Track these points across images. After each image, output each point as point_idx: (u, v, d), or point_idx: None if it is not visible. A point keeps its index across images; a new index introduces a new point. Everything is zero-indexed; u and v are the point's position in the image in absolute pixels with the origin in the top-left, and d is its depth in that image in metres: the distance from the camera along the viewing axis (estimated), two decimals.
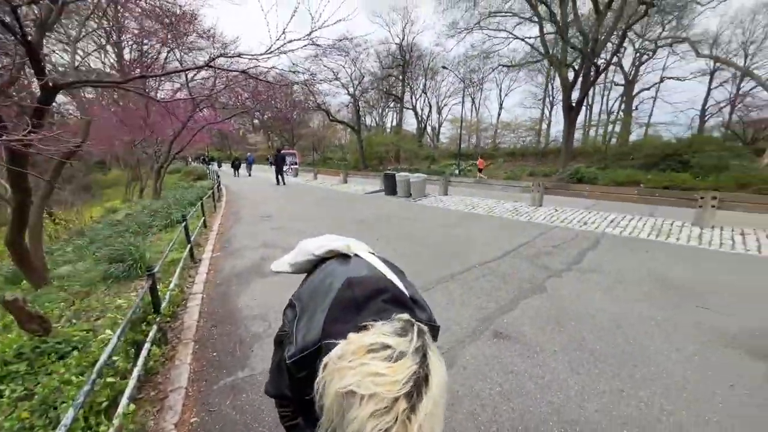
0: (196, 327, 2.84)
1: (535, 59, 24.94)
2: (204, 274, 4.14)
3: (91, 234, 7.57)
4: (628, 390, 2.01)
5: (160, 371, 2.27)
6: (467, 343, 2.52)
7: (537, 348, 2.44)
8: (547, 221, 6.65)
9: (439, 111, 42.46)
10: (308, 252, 0.98)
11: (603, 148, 24.33)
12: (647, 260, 4.31)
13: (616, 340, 2.52)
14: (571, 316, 2.89)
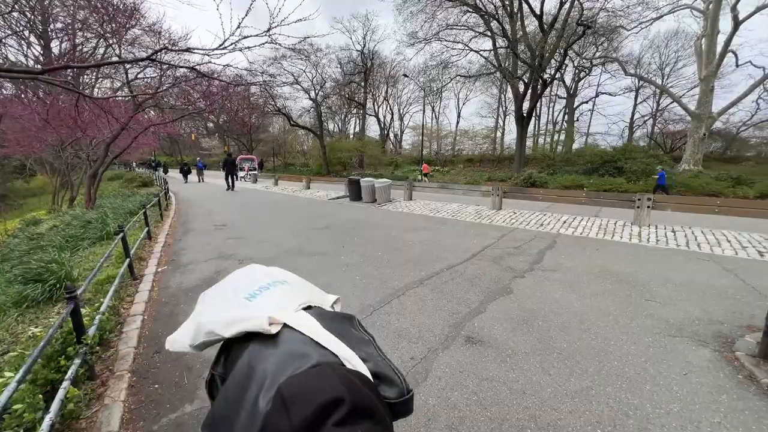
0: (133, 355, 2.44)
1: (489, 71, 26.45)
2: (146, 292, 3.65)
3: (3, 250, 6.44)
4: (596, 387, 2.04)
5: (85, 414, 1.88)
6: (440, 351, 2.44)
7: (509, 351, 2.43)
8: (507, 224, 6.92)
9: (401, 118, 43.41)
10: (211, 332, 0.66)
11: (551, 155, 26.40)
12: (598, 257, 4.60)
13: (581, 336, 2.59)
14: (538, 315, 2.94)
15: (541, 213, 7.83)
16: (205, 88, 11.16)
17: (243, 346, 0.61)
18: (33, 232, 7.99)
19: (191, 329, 0.71)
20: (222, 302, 0.73)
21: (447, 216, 7.96)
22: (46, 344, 1.59)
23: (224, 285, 0.80)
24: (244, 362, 0.57)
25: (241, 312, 0.66)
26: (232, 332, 0.62)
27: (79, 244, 6.04)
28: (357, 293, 3.48)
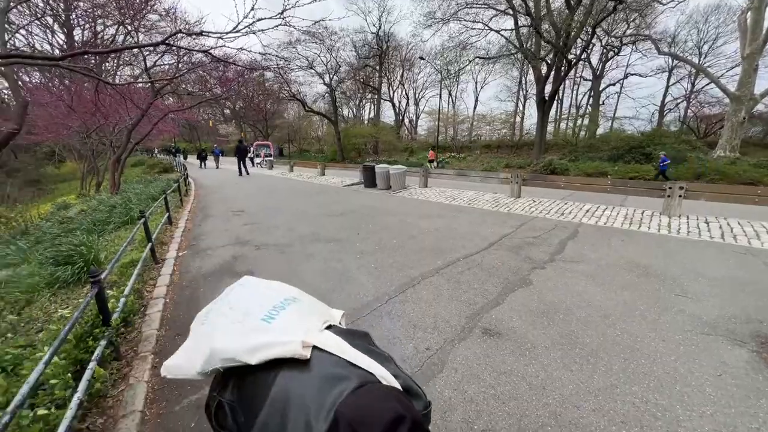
0: (156, 337, 2.52)
1: (509, 52, 25.28)
2: (167, 276, 3.76)
3: (37, 233, 6.80)
4: (622, 386, 1.96)
5: (111, 393, 1.96)
6: (457, 342, 2.39)
7: (528, 344, 2.36)
8: (526, 212, 6.70)
9: (416, 103, 42.44)
10: (231, 359, 0.62)
11: (573, 140, 25.28)
12: (624, 249, 4.39)
13: (606, 332, 2.48)
14: (559, 308, 2.84)
15: (562, 201, 7.55)
16: (221, 74, 11.18)
17: (269, 372, 0.58)
18: (63, 216, 8.38)
19: (201, 355, 0.66)
20: (233, 325, 0.69)
21: (463, 204, 7.80)
22: (71, 326, 1.64)
23: (226, 305, 0.76)
24: (280, 388, 0.55)
25: (265, 337, 0.63)
26: (259, 359, 0.59)
27: (105, 228, 6.29)
28: (372, 281, 3.46)
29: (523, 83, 35.51)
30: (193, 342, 0.73)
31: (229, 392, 0.65)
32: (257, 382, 0.59)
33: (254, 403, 0.57)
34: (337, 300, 3.09)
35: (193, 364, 0.67)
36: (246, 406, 0.60)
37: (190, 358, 0.69)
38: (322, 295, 3.16)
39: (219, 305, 0.78)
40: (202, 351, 0.67)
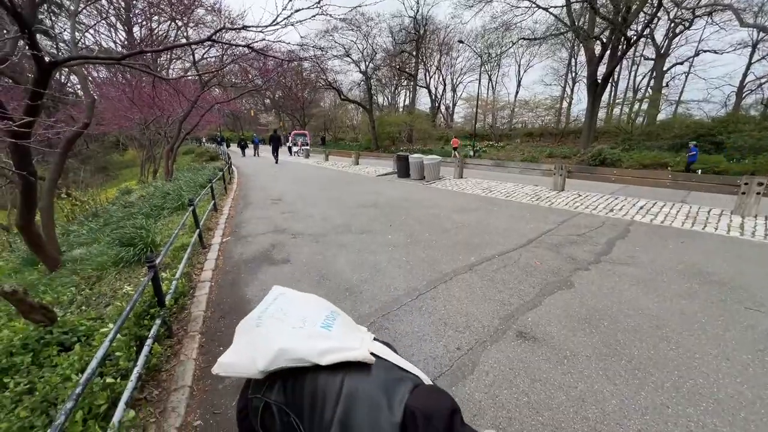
0: (203, 318, 2.74)
1: (558, 32, 23.30)
2: (213, 261, 4.05)
3: (105, 216, 7.63)
4: (674, 406, 1.79)
5: (165, 368, 2.17)
6: (489, 344, 2.33)
7: (567, 352, 2.23)
8: (570, 207, 6.27)
9: (453, 89, 40.93)
10: (301, 359, 0.68)
11: (628, 127, 22.96)
12: (684, 252, 3.96)
13: (657, 344, 2.27)
14: (604, 315, 2.64)
15: (612, 196, 6.95)
16: (261, 65, 11.54)
17: (336, 374, 0.67)
18: (126, 200, 9.30)
19: (263, 354, 0.71)
20: (294, 330, 0.76)
21: (500, 196, 7.48)
22: (132, 307, 1.82)
23: (279, 312, 0.82)
24: (350, 387, 0.64)
25: (331, 342, 0.71)
26: (329, 361, 0.68)
27: (160, 213, 6.89)
28: (403, 275, 3.46)
29: (572, 65, 32.72)
30: (247, 343, 0.78)
31: (276, 394, 0.70)
32: (319, 383, 0.66)
33: (316, 401, 0.64)
34: (368, 292, 3.13)
35: (254, 363, 0.72)
36: (302, 405, 0.66)
37: (249, 357, 0.74)
38: (354, 287, 3.23)
39: (270, 311, 0.84)
40: (264, 351, 0.72)
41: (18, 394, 1.91)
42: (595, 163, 15.68)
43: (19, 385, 1.95)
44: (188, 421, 1.79)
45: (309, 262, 3.92)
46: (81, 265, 4.26)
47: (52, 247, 4.41)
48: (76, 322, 2.52)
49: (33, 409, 1.76)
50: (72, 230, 6.96)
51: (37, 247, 4.12)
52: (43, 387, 1.87)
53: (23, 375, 2.05)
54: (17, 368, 2.11)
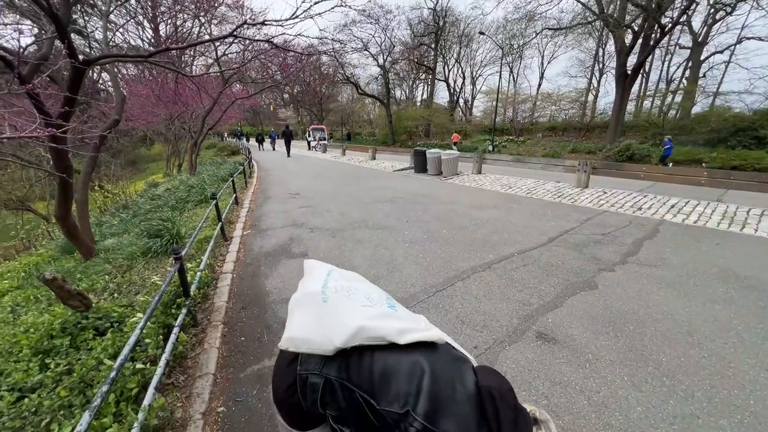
0: (225, 309, 2.84)
1: (586, 20, 22.24)
2: (234, 253, 4.17)
3: (134, 208, 8.00)
4: (705, 417, 1.70)
5: (190, 355, 2.27)
6: (507, 344, 2.29)
7: (589, 355, 2.16)
8: (594, 205, 6.04)
9: (473, 82, 40.01)
10: (381, 337, 0.71)
11: (659, 121, 21.74)
12: (719, 254, 3.74)
13: (688, 352, 2.17)
14: (629, 318, 2.54)
15: (641, 194, 6.63)
16: (281, 60, 11.66)
17: (410, 352, 0.70)
18: (153, 193, 9.70)
19: (340, 331, 0.72)
20: (365, 308, 0.78)
21: (520, 193, 7.29)
22: (160, 297, 1.90)
23: (343, 290, 0.84)
24: (430, 364, 0.68)
25: (405, 323, 0.75)
26: (407, 340, 0.71)
27: (185, 206, 7.16)
28: (420, 272, 3.44)
29: (599, 56, 31.23)
30: (317, 319, 0.78)
31: (336, 371, 0.71)
32: (390, 361, 0.69)
33: (390, 377, 0.67)
34: (384, 288, 3.13)
35: (330, 340, 0.72)
36: (372, 381, 0.68)
37: (322, 334, 0.74)
38: (371, 282, 3.24)
39: (331, 286, 0.85)
40: (340, 328, 0.73)
41: (58, 375, 2.05)
42: (623, 158, 15.00)
43: (59, 366, 2.10)
44: (212, 407, 1.86)
45: (326, 256, 3.97)
46: (113, 255, 4.50)
47: (86, 237, 4.67)
48: (109, 309, 2.66)
49: (71, 389, 1.88)
50: (104, 221, 7.35)
51: (74, 236, 4.38)
52: (81, 369, 2.00)
53: (62, 357, 2.19)
54: (57, 350, 2.27)
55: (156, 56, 3.45)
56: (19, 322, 2.81)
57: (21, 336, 2.39)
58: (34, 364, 2.12)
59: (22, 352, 2.24)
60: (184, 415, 1.78)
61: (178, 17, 15.14)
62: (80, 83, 3.24)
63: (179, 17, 15.33)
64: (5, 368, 2.10)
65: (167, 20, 16.67)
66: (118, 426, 1.56)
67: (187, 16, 15.04)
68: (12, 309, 3.46)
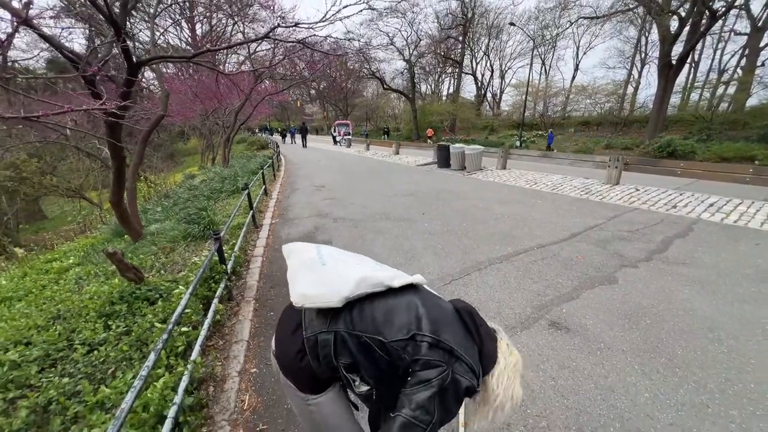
0: (256, 287, 3.11)
1: (626, 7, 20.90)
2: (264, 239, 4.48)
3: (174, 197, 8.65)
4: (715, 406, 1.72)
5: (227, 324, 2.54)
6: (519, 330, 2.37)
7: (600, 344, 2.20)
8: (624, 202, 5.82)
9: (501, 75, 38.82)
10: (379, 283, 0.87)
11: (708, 115, 20.11)
12: (757, 255, 3.55)
13: (707, 347, 2.15)
14: (647, 312, 2.53)
15: (677, 192, 6.29)
16: (309, 59, 12.00)
17: (404, 294, 0.89)
18: (190, 184, 10.39)
19: (344, 284, 0.85)
20: (358, 265, 0.96)
21: (545, 189, 7.14)
22: (203, 272, 2.17)
23: (335, 253, 1.03)
24: (421, 298, 0.89)
25: (393, 271, 0.94)
26: (398, 283, 0.89)
27: (219, 196, 7.66)
28: (437, 261, 3.56)
29: (641, 45, 29.21)
30: (320, 278, 0.90)
31: (343, 324, 0.84)
32: (389, 302, 0.86)
33: (392, 315, 0.83)
34: None
35: (338, 292, 0.84)
36: (376, 323, 0.83)
37: (329, 289, 0.85)
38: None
39: (324, 254, 1.01)
40: (344, 281, 0.86)
41: (119, 334, 2.39)
42: (662, 155, 14.09)
43: (119, 327, 2.44)
44: (246, 368, 2.11)
45: (348, 244, 4.18)
46: (158, 238, 4.96)
47: (135, 221, 5.17)
48: (157, 283, 3.01)
49: (131, 345, 2.20)
50: (148, 209, 8.01)
51: (125, 220, 4.87)
52: (137, 329, 2.32)
53: (122, 320, 2.54)
54: (117, 314, 2.62)
55: (199, 57, 3.77)
56: (84, 291, 3.24)
57: (88, 302, 2.78)
58: (99, 325, 2.48)
59: (89, 314, 2.61)
60: (223, 372, 2.04)
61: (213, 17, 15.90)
62: (134, 82, 3.62)
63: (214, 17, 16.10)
64: (77, 326, 2.47)
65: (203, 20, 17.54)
66: (170, 375, 1.84)
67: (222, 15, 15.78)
68: (76, 281, 3.96)
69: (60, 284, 3.93)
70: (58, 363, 2.13)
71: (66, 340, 2.34)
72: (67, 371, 2.00)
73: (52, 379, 1.91)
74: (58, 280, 4.13)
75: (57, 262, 5.08)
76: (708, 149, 13.94)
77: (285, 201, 6.83)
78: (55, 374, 1.97)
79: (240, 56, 18.94)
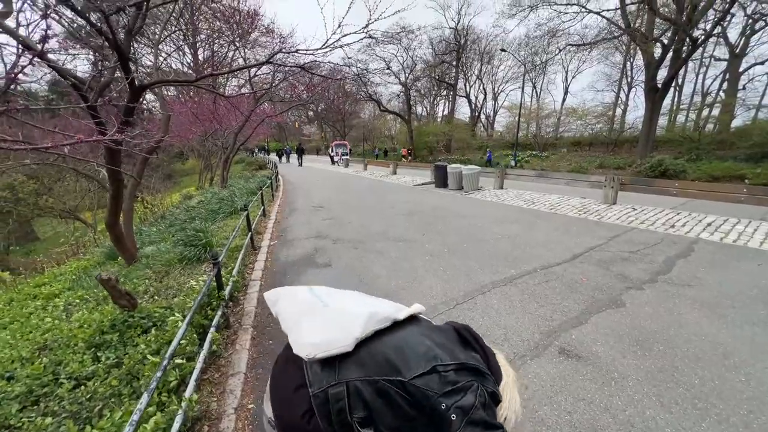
0: (254, 313, 3.00)
1: (611, 35, 21.95)
2: (263, 262, 4.39)
3: (170, 218, 8.56)
4: None
5: (223, 354, 2.42)
6: (529, 359, 2.28)
7: (614, 374, 2.11)
8: (622, 222, 5.85)
9: (494, 98, 40.08)
10: (386, 318, 0.82)
11: (695, 135, 20.73)
12: (761, 275, 3.52)
13: (724, 375, 2.07)
14: (659, 338, 2.46)
15: (674, 211, 6.35)
16: (308, 81, 12.32)
17: (404, 326, 0.85)
18: (188, 205, 10.33)
19: (354, 323, 0.78)
20: (359, 304, 0.90)
21: (544, 209, 7.17)
22: (200, 299, 2.08)
23: (336, 294, 0.97)
24: (424, 326, 0.86)
25: (393, 303, 0.92)
26: (403, 315, 0.85)
27: (216, 217, 7.59)
28: (440, 284, 3.49)
29: (627, 69, 30.51)
30: (326, 321, 0.83)
31: (355, 371, 0.74)
32: (397, 336, 0.82)
33: (402, 348, 0.78)
34: (406, 299, 3.21)
35: (349, 333, 0.77)
36: (387, 360, 0.75)
37: (339, 331, 0.78)
38: (392, 292, 3.33)
39: (321, 295, 0.95)
40: (352, 321, 0.79)
41: (108, 367, 2.26)
42: (654, 174, 14.37)
43: (109, 359, 2.31)
44: (243, 403, 1.98)
45: (349, 266, 4.10)
46: (152, 261, 4.85)
47: (130, 244, 5.07)
48: (151, 310, 2.90)
49: (121, 380, 2.07)
50: (144, 230, 7.90)
51: (120, 243, 4.77)
52: (129, 362, 2.20)
53: (112, 350, 2.41)
54: (108, 344, 2.49)
55: (200, 81, 3.84)
56: (73, 319, 3.11)
57: (77, 331, 2.65)
58: (87, 356, 2.35)
59: (77, 345, 2.48)
60: (219, 409, 1.91)
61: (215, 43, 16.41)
62: (136, 105, 3.65)
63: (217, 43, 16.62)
64: (64, 358, 2.34)
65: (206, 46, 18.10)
66: (162, 414, 1.71)
67: (224, 42, 16.30)
68: (64, 308, 3.81)
69: (48, 311, 3.78)
70: (42, 400, 2.00)
71: (51, 374, 2.21)
72: (50, 409, 1.86)
73: (34, 419, 1.78)
74: (46, 306, 3.97)
75: (46, 287, 4.91)
76: (698, 168, 14.25)
77: (283, 221, 6.78)
78: (38, 413, 1.84)
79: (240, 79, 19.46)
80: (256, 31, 14.71)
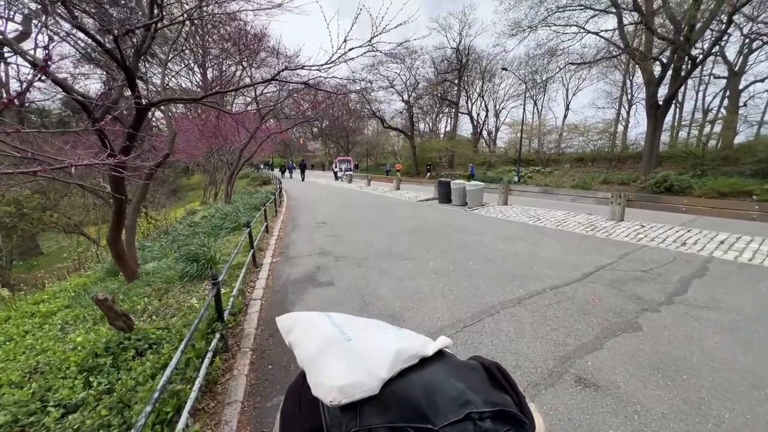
0: (254, 336, 2.89)
1: (610, 55, 22.39)
2: (264, 280, 4.30)
3: (173, 233, 8.54)
4: None
5: (220, 381, 2.31)
6: (543, 388, 2.14)
7: (637, 406, 1.97)
8: (631, 239, 5.72)
9: (496, 115, 40.63)
10: (414, 355, 0.74)
11: (698, 151, 20.71)
12: None
13: (755, 408, 1.92)
14: (681, 366, 2.31)
15: (683, 228, 6.22)
16: (312, 99, 12.56)
17: (431, 362, 0.74)
18: (191, 220, 10.33)
19: (380, 362, 0.69)
20: (382, 336, 0.80)
21: (550, 225, 7.07)
22: (198, 323, 1.99)
23: (353, 324, 0.85)
24: (451, 361, 0.75)
25: (419, 337, 0.80)
26: (431, 350, 0.75)
27: (219, 232, 7.55)
28: (447, 305, 3.37)
29: (627, 87, 30.92)
30: (354, 358, 0.73)
31: (378, 416, 0.64)
32: (424, 373, 0.71)
33: (431, 387, 0.68)
34: (411, 320, 3.09)
35: (375, 374, 0.68)
36: (415, 402, 0.65)
37: (364, 371, 0.69)
38: (397, 314, 3.21)
39: (342, 326, 0.83)
40: (379, 359, 0.70)
41: (99, 393, 2.15)
42: (660, 190, 14.27)
43: (101, 385, 2.20)
44: None
45: (352, 286, 3.99)
46: (153, 278, 4.77)
47: (132, 261, 5.01)
48: (148, 331, 2.80)
49: (111, 409, 1.96)
50: (147, 245, 7.86)
51: (121, 259, 4.72)
52: (120, 389, 2.09)
53: (104, 375, 2.31)
54: (100, 369, 2.39)
55: (207, 98, 3.88)
56: (68, 340, 3.01)
57: (70, 353, 2.55)
58: (78, 381, 2.25)
59: (69, 368, 2.38)
60: None
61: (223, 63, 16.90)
62: (142, 122, 3.68)
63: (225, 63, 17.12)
64: (54, 383, 2.24)
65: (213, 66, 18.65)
66: None
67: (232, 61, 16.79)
68: (61, 327, 3.72)
69: (44, 330, 3.69)
70: (27, 430, 1.89)
71: (40, 401, 2.11)
72: None
73: None
74: (43, 325, 3.88)
75: (45, 304, 4.83)
76: (704, 184, 14.14)
77: (286, 238, 6.71)
78: None
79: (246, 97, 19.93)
80: (263, 51, 15.15)
